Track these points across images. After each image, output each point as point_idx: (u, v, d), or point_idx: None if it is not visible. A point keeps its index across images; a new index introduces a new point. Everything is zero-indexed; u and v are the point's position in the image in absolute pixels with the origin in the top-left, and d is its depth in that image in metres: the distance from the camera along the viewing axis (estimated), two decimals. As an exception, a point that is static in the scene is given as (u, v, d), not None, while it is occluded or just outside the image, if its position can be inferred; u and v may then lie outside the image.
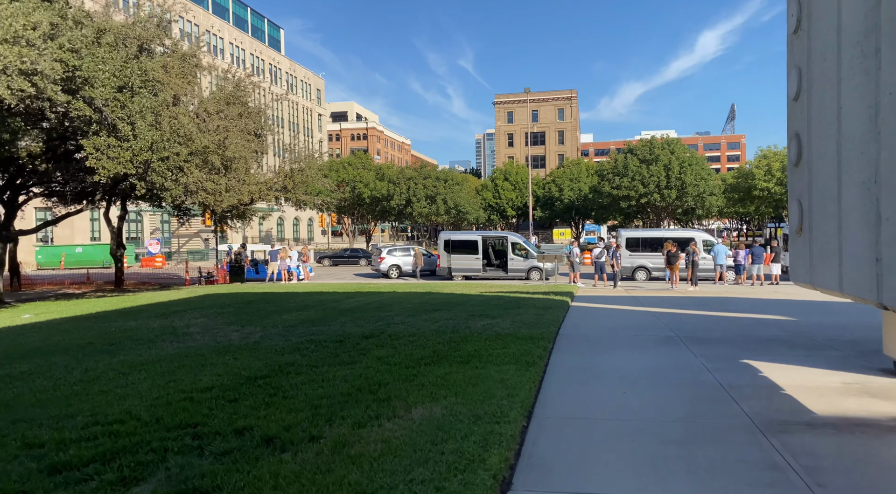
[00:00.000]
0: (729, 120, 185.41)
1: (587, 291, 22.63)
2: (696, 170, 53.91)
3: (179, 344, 10.96)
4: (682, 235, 31.73)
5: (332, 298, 19.27)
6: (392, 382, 7.07)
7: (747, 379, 7.46)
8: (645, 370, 8.07)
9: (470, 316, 13.23)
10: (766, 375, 7.56)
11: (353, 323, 12.81)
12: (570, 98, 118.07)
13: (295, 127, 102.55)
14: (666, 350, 9.53)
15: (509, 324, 11.69)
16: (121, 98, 18.73)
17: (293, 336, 11.42)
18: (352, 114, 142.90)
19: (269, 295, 21.47)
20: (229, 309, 16.86)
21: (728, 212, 71.02)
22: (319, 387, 6.99)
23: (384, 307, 16.08)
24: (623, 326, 12.41)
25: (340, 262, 51.63)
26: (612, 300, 18.93)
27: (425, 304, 16.45)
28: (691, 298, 19.74)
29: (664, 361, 8.63)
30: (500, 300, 17.45)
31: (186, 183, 21.49)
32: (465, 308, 15.32)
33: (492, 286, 24.60)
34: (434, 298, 18.59)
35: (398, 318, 13.41)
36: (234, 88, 26.29)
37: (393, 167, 60.40)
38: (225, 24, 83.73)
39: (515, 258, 32.02)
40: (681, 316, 14.16)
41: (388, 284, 26.18)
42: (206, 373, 8.08)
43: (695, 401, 6.47)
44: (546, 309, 14.59)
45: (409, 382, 7.05)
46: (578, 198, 66.32)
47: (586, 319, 13.64)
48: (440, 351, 8.94)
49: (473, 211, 62.30)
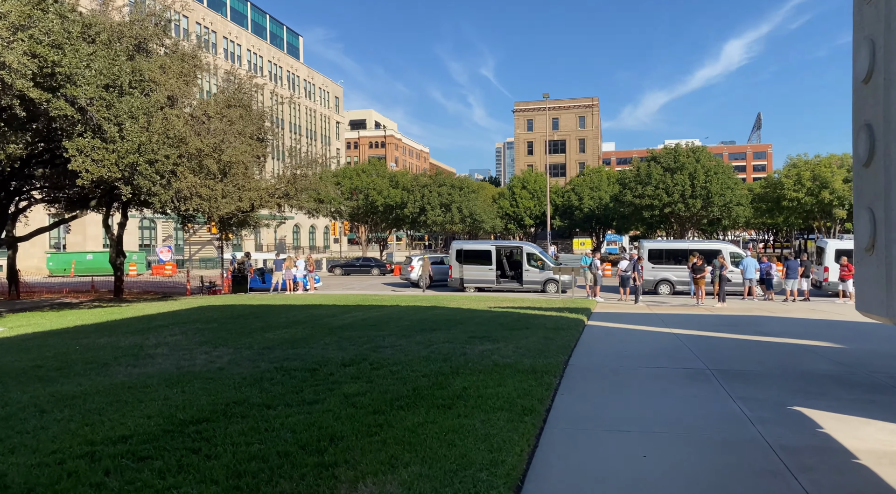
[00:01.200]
0: (755, 129, 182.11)
1: (605, 307, 20.99)
2: (722, 178, 51.79)
3: (135, 369, 9.60)
4: (709, 247, 30.05)
5: (328, 313, 17.87)
6: (349, 436, 5.60)
7: (804, 436, 5.86)
8: (670, 419, 6.49)
9: (469, 339, 11.71)
10: (827, 432, 5.95)
11: (337, 346, 11.36)
12: (592, 105, 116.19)
13: (313, 134, 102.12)
14: (696, 388, 7.93)
15: (512, 351, 10.15)
16: (107, 97, 17.58)
17: (265, 360, 10.01)
18: (370, 122, 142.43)
19: (263, 308, 20.14)
20: (213, 324, 15.53)
21: (755, 223, 68.54)
22: (258, 442, 5.54)
23: (379, 325, 14.63)
24: (644, 354, 10.81)
25: (352, 271, 50.35)
26: (632, 318, 17.29)
27: (424, 322, 14.97)
28: (719, 317, 18.02)
29: (694, 406, 7.04)
30: (507, 318, 15.91)
31: (179, 188, 20.29)
32: (466, 327, 13.81)
33: (504, 299, 23.05)
34: (437, 314, 17.10)
35: (389, 340, 11.94)
36: (235, 90, 25.15)
37: (407, 174, 59.10)
38: (243, 31, 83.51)
39: (531, 269, 30.52)
40: (710, 341, 12.51)
41: (394, 297, 24.74)
42: (137, 414, 6.68)
43: (739, 473, 4.91)
44: (557, 330, 13.03)
45: (371, 437, 5.56)
46: (599, 206, 64.39)
47: (602, 344, 12.05)
48: (422, 388, 7.44)
49: (489, 219, 60.64)
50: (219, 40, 78.70)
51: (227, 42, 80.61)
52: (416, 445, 5.24)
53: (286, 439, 5.56)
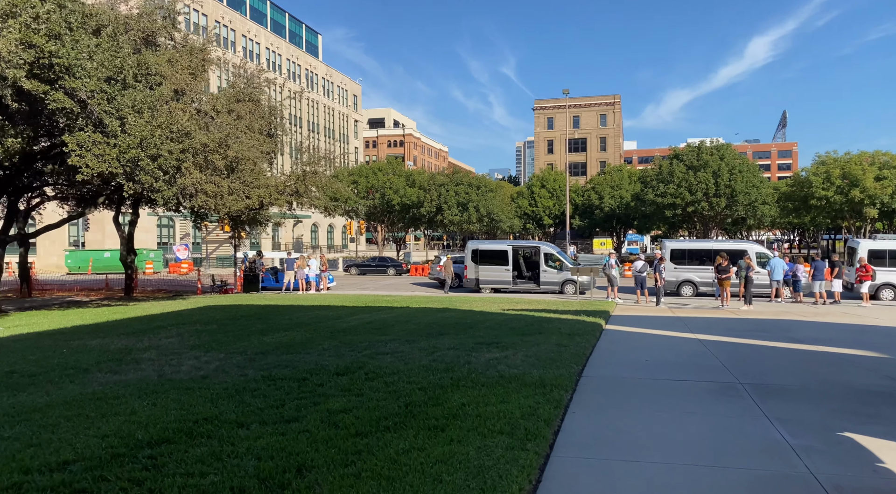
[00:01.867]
0: (780, 127, 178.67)
1: (626, 309, 20.01)
2: (747, 177, 50.20)
3: (115, 376, 8.91)
4: (735, 247, 28.96)
5: (334, 315, 17.12)
6: (320, 466, 4.78)
7: (862, 474, 4.93)
8: (699, 447, 5.59)
9: (477, 345, 10.85)
10: (890, 468, 5.01)
11: (334, 352, 10.58)
12: (613, 103, 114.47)
13: (331, 133, 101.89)
14: (727, 407, 7.00)
15: (521, 360, 9.27)
16: (109, 90, 17.00)
17: (254, 368, 9.26)
18: (389, 121, 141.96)
19: (269, 308, 19.47)
20: (213, 326, 14.86)
21: (781, 223, 66.62)
22: (214, 472, 4.75)
23: (385, 328, 13.83)
24: (667, 363, 9.87)
25: (368, 271, 49.70)
26: (653, 322, 16.31)
27: (432, 325, 14.14)
28: (747, 321, 16.96)
29: (727, 430, 6.12)
30: (521, 321, 15.02)
31: (184, 184, 19.68)
32: (476, 331, 12.95)
33: (519, 301, 22.16)
34: (447, 317, 16.27)
35: (391, 345, 11.13)
36: (245, 85, 24.52)
37: (424, 173, 58.20)
38: (262, 30, 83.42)
39: (548, 270, 29.58)
40: (739, 348, 11.52)
41: (406, 298, 23.94)
42: (92, 432, 5.94)
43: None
44: (572, 335, 12.12)
45: (346, 467, 4.75)
46: (620, 206, 63.00)
47: (621, 350, 11.12)
48: (416, 403, 6.61)
49: (507, 219, 59.51)
50: (237, 38, 78.67)
51: (246, 40, 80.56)
52: (395, 480, 4.41)
53: (248, 469, 4.77)
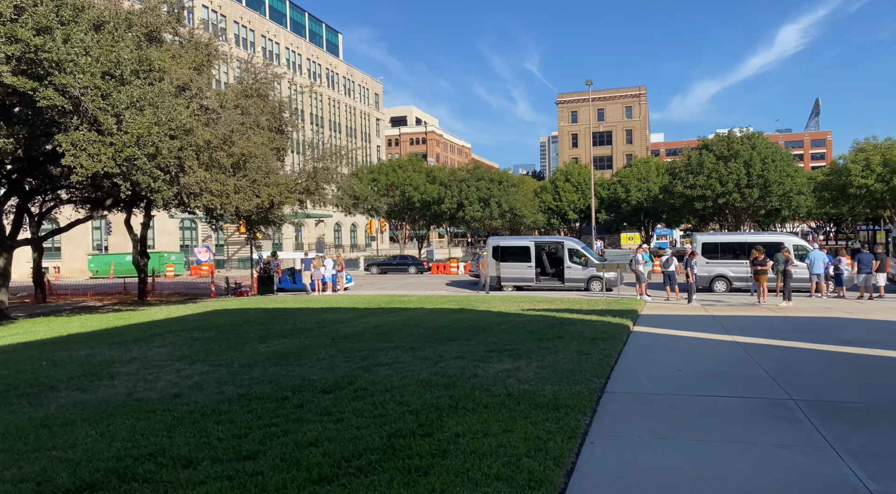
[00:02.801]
0: (813, 116, 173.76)
1: (655, 308, 18.70)
2: (780, 166, 48.13)
3: (81, 394, 8.01)
4: (771, 240, 27.41)
5: (341, 319, 16.13)
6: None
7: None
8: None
9: (487, 354, 9.73)
10: None
11: (328, 363, 9.56)
12: (639, 95, 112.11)
13: (352, 132, 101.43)
14: (782, 434, 5.78)
15: (534, 372, 8.13)
16: (103, 86, 16.22)
17: (235, 384, 8.28)
18: (411, 119, 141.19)
19: (276, 312, 18.57)
20: (211, 333, 13.97)
21: (817, 214, 64.05)
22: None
23: (390, 333, 12.78)
24: (704, 373, 8.65)
25: (389, 270, 48.82)
26: (685, 322, 15.01)
27: (442, 330, 13.05)
28: (789, 319, 15.56)
29: (787, 469, 4.91)
30: (539, 323, 13.86)
31: (187, 183, 18.89)
32: (489, 336, 11.83)
33: (541, 300, 20.95)
34: (461, 319, 15.16)
35: (393, 354, 10.07)
36: (252, 80, 23.69)
37: (444, 169, 57.01)
38: (281, 29, 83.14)
39: (573, 266, 28.35)
40: (784, 353, 10.22)
41: (421, 298, 22.87)
42: (9, 475, 4.99)
43: None
44: (596, 340, 10.93)
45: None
46: (647, 199, 61.15)
47: (649, 359, 9.91)
48: (402, 433, 5.53)
49: (531, 214, 58.03)
50: (257, 39, 78.46)
51: (266, 40, 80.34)
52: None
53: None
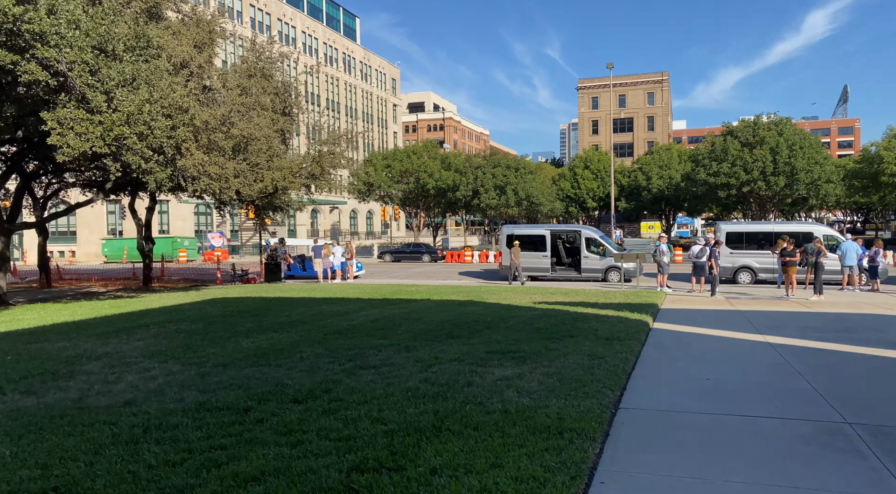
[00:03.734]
0: (841, 103, 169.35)
1: (676, 301, 17.51)
2: (808, 153, 46.20)
3: (24, 399, 7.12)
4: (799, 229, 26.04)
5: (340, 310, 15.16)
6: None
7: None
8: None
9: (489, 355, 8.68)
10: None
11: (311, 363, 8.58)
12: (661, 81, 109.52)
13: (369, 117, 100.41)
14: (843, 475, 4.64)
15: (539, 381, 7.05)
16: (91, 61, 15.31)
17: (199, 389, 7.32)
18: (429, 105, 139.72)
19: (275, 302, 17.67)
20: (199, 324, 13.09)
21: (846, 203, 61.83)
22: None
23: (389, 328, 11.77)
24: (735, 384, 7.52)
25: (403, 258, 47.94)
26: (710, 318, 13.83)
27: (444, 325, 12.01)
28: (823, 316, 14.31)
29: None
30: (551, 319, 12.77)
31: (184, 166, 17.99)
32: (494, 334, 10.77)
33: (555, 292, 19.83)
34: (466, 313, 14.12)
35: (385, 354, 9.07)
36: (256, 59, 22.68)
37: (460, 155, 55.69)
38: (297, 13, 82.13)
39: (590, 256, 27.21)
40: (826, 357, 9.05)
41: (429, 288, 21.84)
42: None
43: None
44: (611, 340, 9.82)
45: None
46: (669, 186, 59.37)
47: (671, 363, 8.78)
48: (366, 466, 4.49)
49: (548, 202, 56.53)
50: (273, 22, 77.56)
51: (282, 24, 79.43)
52: None
53: None
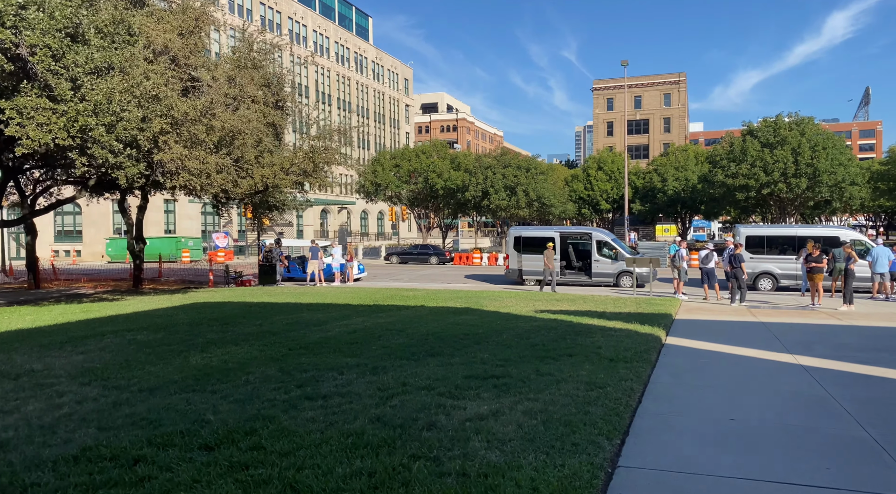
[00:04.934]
0: (862, 105, 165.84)
1: (692, 310, 15.95)
2: (832, 154, 44.18)
3: None
4: (825, 233, 24.37)
5: (322, 319, 13.79)
6: None
7: None
8: None
9: (466, 382, 7.23)
10: None
11: (253, 389, 7.18)
12: (678, 82, 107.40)
13: (380, 117, 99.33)
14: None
15: (516, 423, 5.57)
16: (55, 45, 14.11)
17: (103, 424, 5.95)
18: (442, 106, 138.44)
19: (255, 308, 16.34)
20: (159, 334, 11.77)
21: (870, 206, 59.56)
22: None
23: (363, 342, 10.37)
24: (768, 428, 6.01)
25: (410, 260, 46.57)
26: (730, 331, 12.28)
27: (429, 339, 10.58)
28: (859, 330, 12.71)
29: None
30: (550, 332, 11.29)
31: (162, 160, 16.75)
32: (481, 351, 9.32)
33: (562, 299, 18.32)
34: (458, 323, 12.68)
35: (346, 377, 7.66)
36: (247, 49, 21.41)
37: (470, 155, 54.20)
38: (308, 12, 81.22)
39: (602, 260, 25.72)
40: (877, 389, 7.51)
41: (427, 293, 20.38)
42: None
43: None
44: (616, 362, 8.35)
45: None
46: (685, 188, 57.48)
47: (686, 395, 7.28)
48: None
49: (560, 204, 54.80)
50: (283, 21, 76.73)
51: (292, 23, 78.55)
52: None
53: None
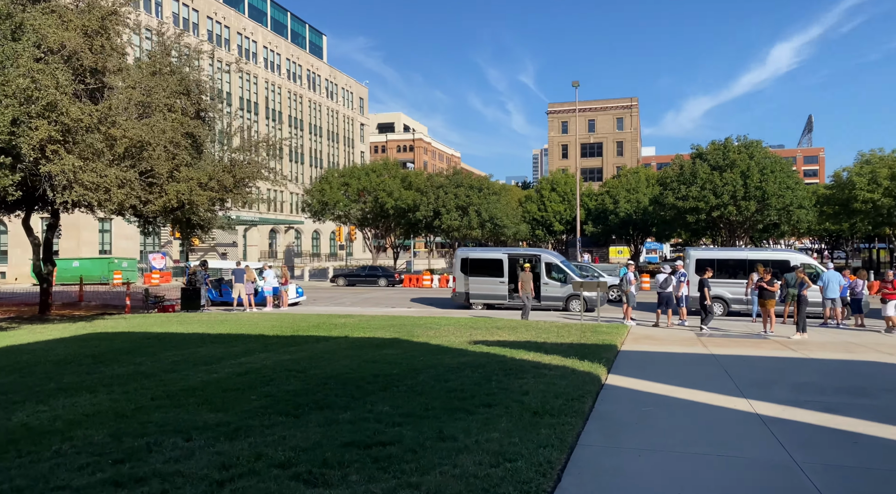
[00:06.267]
0: (806, 132, 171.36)
1: (640, 338, 14.66)
2: (780, 177, 44.29)
3: None
4: (775, 257, 23.66)
5: (218, 356, 11.95)
6: None
7: None
8: None
9: (340, 453, 5.60)
10: None
11: (53, 464, 5.40)
12: (630, 106, 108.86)
13: (334, 136, 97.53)
14: None
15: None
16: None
17: None
18: (399, 126, 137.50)
19: (152, 340, 14.35)
20: (10, 377, 9.80)
21: (816, 230, 60.26)
22: None
23: (250, 387, 8.62)
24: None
25: (357, 282, 44.63)
26: (678, 367, 10.93)
27: (330, 382, 8.89)
28: (819, 365, 11.53)
29: None
30: (476, 371, 9.73)
31: (52, 172, 14.77)
32: (382, 402, 7.70)
33: (505, 325, 16.75)
34: (374, 361, 11.01)
35: (196, 441, 5.94)
36: (162, 53, 19.57)
37: (422, 174, 52.81)
38: (259, 27, 79.37)
39: (551, 283, 24.49)
40: (846, 448, 6.17)
41: (357, 321, 18.61)
42: None
43: None
44: (541, 415, 6.82)
45: None
46: (636, 210, 57.22)
47: (619, 462, 5.79)
48: None
49: (513, 224, 53.76)
50: (232, 36, 74.68)
51: (242, 38, 76.55)
52: None
53: None
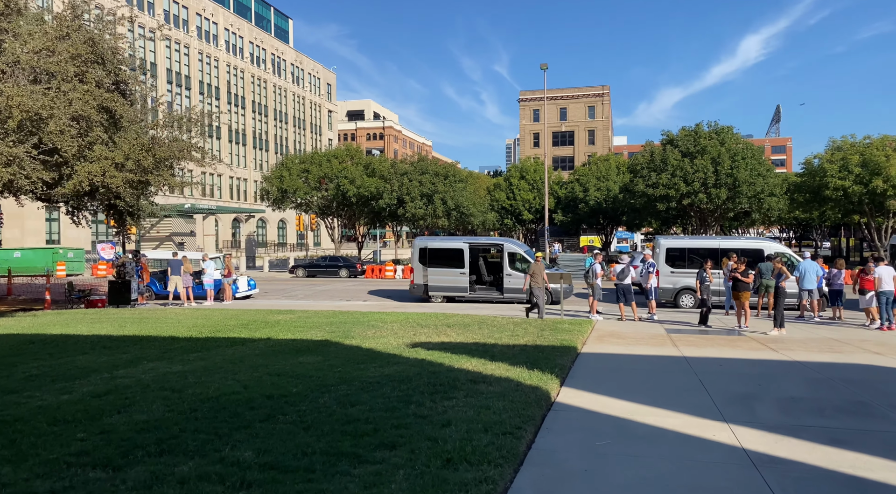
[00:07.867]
0: (773, 122, 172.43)
1: (605, 336, 13.04)
2: (751, 164, 43.22)
3: None
4: (748, 246, 22.47)
5: (100, 364, 9.98)
6: None
7: None
8: None
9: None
10: None
11: None
12: (602, 94, 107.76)
13: (300, 123, 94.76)
14: None
15: None
16: None
17: None
18: (369, 113, 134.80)
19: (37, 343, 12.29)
20: None
21: (787, 219, 59.59)
22: None
23: (87, 418, 6.68)
24: None
25: (318, 273, 42.67)
26: (644, 377, 9.27)
27: (205, 406, 7.02)
28: (804, 369, 9.99)
29: None
30: (398, 389, 7.94)
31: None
32: (255, 440, 5.87)
33: (458, 322, 14.98)
34: (282, 373, 9.14)
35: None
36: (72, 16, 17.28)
37: (386, 161, 50.84)
38: (220, 9, 76.19)
39: (514, 274, 23.01)
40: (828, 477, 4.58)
41: (293, 318, 16.67)
42: None
43: None
44: (455, 463, 5.05)
45: None
46: (607, 199, 55.91)
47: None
48: None
49: (479, 213, 51.99)
50: (191, 17, 71.52)
51: (201, 20, 73.41)
52: None
53: None
